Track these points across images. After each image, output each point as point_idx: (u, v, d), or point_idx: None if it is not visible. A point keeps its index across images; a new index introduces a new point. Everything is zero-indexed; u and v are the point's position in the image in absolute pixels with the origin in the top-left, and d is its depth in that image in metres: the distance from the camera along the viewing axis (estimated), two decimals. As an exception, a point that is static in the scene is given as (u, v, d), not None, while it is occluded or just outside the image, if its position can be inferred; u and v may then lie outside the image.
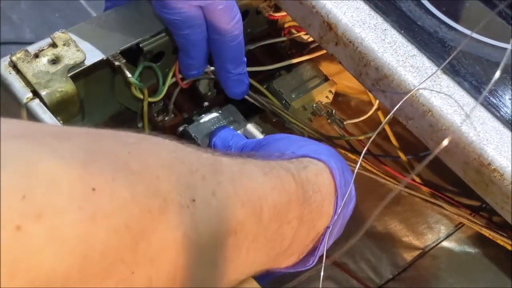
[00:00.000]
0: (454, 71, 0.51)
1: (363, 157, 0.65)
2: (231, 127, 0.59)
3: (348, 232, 0.68)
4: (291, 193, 0.41)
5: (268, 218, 0.39)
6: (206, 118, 0.59)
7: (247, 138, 0.56)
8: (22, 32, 1.51)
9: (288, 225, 0.41)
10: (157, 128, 0.60)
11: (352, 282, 0.66)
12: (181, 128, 0.59)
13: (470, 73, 0.51)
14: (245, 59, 0.57)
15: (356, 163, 0.64)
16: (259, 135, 0.60)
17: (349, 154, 0.64)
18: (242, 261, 0.38)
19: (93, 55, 0.53)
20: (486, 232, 0.64)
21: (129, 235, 0.29)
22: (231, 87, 0.57)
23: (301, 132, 0.62)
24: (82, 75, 0.54)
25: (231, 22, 0.53)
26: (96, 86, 0.57)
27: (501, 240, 0.63)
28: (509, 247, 0.63)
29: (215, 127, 0.59)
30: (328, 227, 0.47)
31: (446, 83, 0.50)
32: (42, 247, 0.26)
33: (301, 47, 0.68)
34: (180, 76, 0.58)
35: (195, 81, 0.61)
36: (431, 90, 0.50)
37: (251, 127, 0.60)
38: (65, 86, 0.51)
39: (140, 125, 0.60)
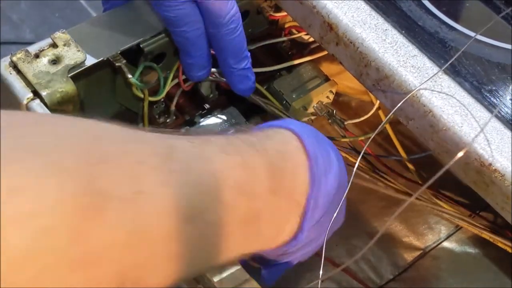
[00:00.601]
0: (455, 72, 0.51)
1: (364, 158, 0.66)
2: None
3: (349, 232, 0.68)
4: (256, 168, 0.39)
5: (232, 199, 0.37)
6: (207, 120, 0.59)
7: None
8: (22, 32, 1.51)
9: (259, 200, 0.39)
10: (158, 129, 0.60)
11: (352, 282, 0.66)
12: (182, 130, 0.59)
13: (471, 73, 0.51)
14: (248, 53, 0.56)
15: (356, 163, 0.64)
16: None
17: (349, 155, 0.64)
18: (211, 248, 0.37)
19: (93, 56, 0.53)
20: (486, 235, 0.64)
21: (61, 237, 0.27)
22: (236, 83, 0.57)
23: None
24: (83, 75, 0.54)
25: (227, 15, 0.52)
26: (97, 87, 0.57)
27: (501, 243, 0.63)
28: (509, 250, 0.63)
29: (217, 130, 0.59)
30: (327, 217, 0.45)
31: (447, 83, 0.50)
32: None
33: (302, 47, 0.68)
34: (183, 77, 0.58)
35: (197, 83, 0.61)
36: (432, 90, 0.50)
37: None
38: (66, 87, 0.51)
39: (140, 125, 0.60)
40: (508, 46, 0.54)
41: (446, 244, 0.70)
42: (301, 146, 0.44)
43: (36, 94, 0.50)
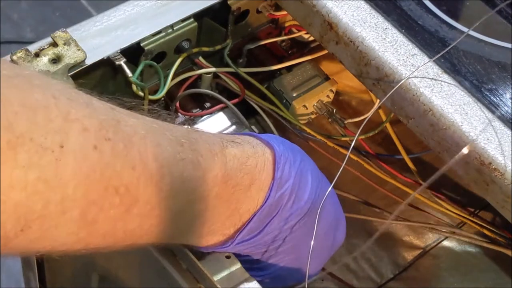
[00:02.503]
0: (454, 70, 0.51)
1: (364, 158, 0.66)
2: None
3: (349, 231, 0.68)
4: (207, 170, 0.39)
5: (173, 189, 0.37)
6: (207, 119, 0.59)
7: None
8: (23, 31, 1.51)
9: (201, 201, 0.40)
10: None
11: (352, 282, 0.66)
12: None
13: (471, 72, 0.51)
14: None
15: (357, 163, 0.65)
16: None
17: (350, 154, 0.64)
18: (132, 225, 0.36)
19: (93, 54, 0.53)
20: (484, 241, 0.64)
21: None
22: None
23: (301, 132, 0.62)
24: (83, 74, 0.54)
25: None
26: (97, 86, 0.57)
27: (499, 246, 0.63)
28: (509, 253, 0.63)
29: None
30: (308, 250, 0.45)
31: (447, 82, 0.50)
32: None
33: (302, 46, 0.68)
34: (183, 76, 0.58)
35: (197, 81, 0.61)
36: (432, 89, 0.50)
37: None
38: (66, 85, 0.51)
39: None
40: (508, 45, 0.54)
41: (446, 243, 0.70)
42: (270, 166, 0.44)
43: (36, 93, 0.50)
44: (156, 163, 0.36)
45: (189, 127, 0.42)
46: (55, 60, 0.51)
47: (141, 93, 0.56)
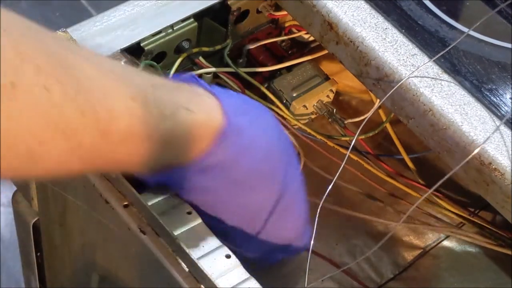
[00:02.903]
0: (455, 70, 0.51)
1: (364, 157, 0.66)
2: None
3: (349, 232, 0.68)
4: (152, 130, 0.40)
5: (119, 141, 0.38)
6: None
7: None
8: (23, 32, 1.51)
9: (141, 156, 0.40)
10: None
11: (352, 282, 0.66)
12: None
13: (471, 72, 0.51)
14: None
15: (357, 163, 0.64)
16: None
17: (350, 154, 0.64)
18: (75, 167, 0.37)
19: (93, 54, 0.53)
20: (484, 242, 0.64)
21: None
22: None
23: (302, 132, 0.62)
24: (83, 74, 0.54)
25: None
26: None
27: (499, 246, 0.63)
28: (509, 252, 0.63)
29: None
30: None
31: (447, 82, 0.50)
32: None
33: (302, 47, 0.68)
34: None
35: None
36: (432, 89, 0.50)
37: None
38: (66, 85, 0.51)
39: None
40: (508, 45, 0.54)
41: (446, 243, 0.70)
42: (219, 115, 0.44)
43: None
44: (105, 112, 0.36)
45: (152, 77, 0.42)
46: (55, 60, 0.51)
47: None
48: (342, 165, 0.49)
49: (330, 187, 0.48)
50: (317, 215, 0.47)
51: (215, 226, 0.47)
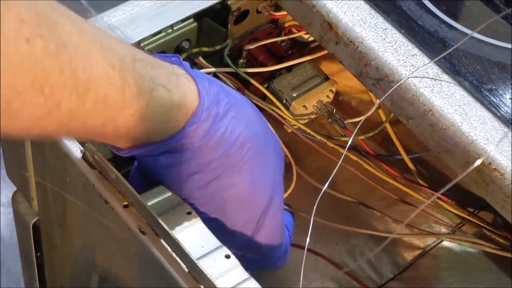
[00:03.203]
0: (454, 71, 0.51)
1: (363, 158, 0.66)
2: None
3: (349, 232, 0.68)
4: (128, 104, 0.40)
5: (95, 107, 0.38)
6: None
7: None
8: (23, 32, 1.51)
9: (114, 127, 0.41)
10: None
11: (352, 282, 0.66)
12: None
13: (471, 72, 0.51)
14: None
15: (357, 163, 0.64)
16: None
17: (349, 154, 0.64)
18: (49, 128, 0.37)
19: (93, 55, 0.53)
20: (484, 245, 0.64)
21: None
22: None
23: (302, 133, 0.62)
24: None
25: None
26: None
27: (501, 252, 0.63)
28: (509, 255, 0.63)
29: None
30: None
31: (446, 82, 0.50)
32: None
33: (302, 47, 0.68)
34: None
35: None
36: (432, 89, 0.50)
37: None
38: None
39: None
40: (508, 45, 0.54)
41: (446, 243, 0.70)
42: (194, 96, 0.44)
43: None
44: (84, 75, 0.36)
45: (135, 51, 0.42)
46: (55, 60, 0.51)
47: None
48: (339, 164, 0.49)
49: (326, 185, 0.48)
50: (312, 215, 0.47)
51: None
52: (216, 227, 0.48)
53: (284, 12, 0.61)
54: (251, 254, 0.51)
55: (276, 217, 0.51)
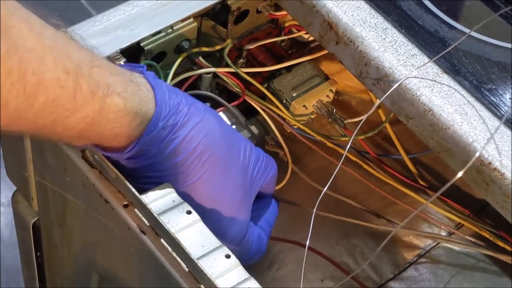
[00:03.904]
0: (454, 70, 0.51)
1: (363, 158, 0.66)
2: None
3: (349, 231, 0.68)
4: (79, 107, 0.41)
5: (44, 110, 0.39)
6: None
7: None
8: (23, 32, 1.50)
9: (63, 129, 0.42)
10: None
11: (352, 281, 0.66)
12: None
13: (471, 72, 0.51)
14: None
15: (356, 163, 0.64)
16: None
17: (349, 154, 0.64)
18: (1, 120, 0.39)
19: (93, 54, 0.53)
20: (482, 247, 0.64)
21: None
22: None
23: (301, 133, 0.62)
24: (83, 74, 0.54)
25: None
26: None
27: (499, 255, 0.63)
28: (509, 261, 0.63)
29: None
30: None
31: (446, 82, 0.50)
32: None
33: (302, 46, 0.68)
34: (187, 74, 0.58)
35: (197, 81, 0.61)
36: (432, 89, 0.50)
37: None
38: (66, 85, 0.51)
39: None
40: (508, 45, 0.54)
41: (445, 243, 0.70)
42: (150, 98, 0.46)
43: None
44: (34, 78, 0.38)
45: (95, 59, 0.44)
46: (55, 60, 0.51)
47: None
48: (339, 166, 0.49)
49: (326, 187, 0.49)
50: (313, 216, 0.47)
51: None
52: None
53: (284, 12, 0.61)
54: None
55: (238, 235, 0.52)
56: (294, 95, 0.62)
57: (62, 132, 0.42)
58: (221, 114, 0.60)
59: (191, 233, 0.46)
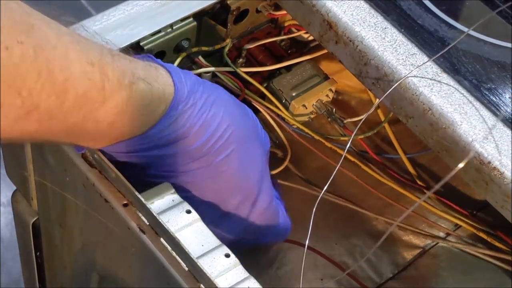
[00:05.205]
0: (454, 70, 0.51)
1: (362, 158, 0.66)
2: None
3: (348, 231, 0.68)
4: (109, 97, 0.41)
5: (75, 105, 0.39)
6: None
7: None
8: (22, 32, 1.50)
9: (94, 122, 0.41)
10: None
11: (352, 281, 0.66)
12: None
13: (470, 71, 0.51)
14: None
15: (355, 163, 0.65)
16: None
17: (348, 154, 0.64)
18: (29, 128, 0.38)
19: (93, 54, 0.53)
20: (480, 248, 0.64)
21: None
22: None
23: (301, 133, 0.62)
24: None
25: None
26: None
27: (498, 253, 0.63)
28: (509, 261, 0.63)
29: None
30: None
31: (446, 81, 0.50)
32: None
33: (301, 46, 0.68)
34: None
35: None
36: (432, 88, 0.50)
37: None
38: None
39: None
40: (508, 44, 0.54)
41: (445, 243, 0.70)
42: (169, 86, 0.45)
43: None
44: (62, 75, 0.37)
45: (111, 48, 0.44)
46: (55, 59, 0.51)
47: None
48: (337, 168, 0.49)
49: (324, 189, 0.49)
50: (312, 216, 0.47)
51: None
52: (211, 211, 0.49)
53: (284, 12, 0.61)
54: (250, 236, 0.53)
55: (268, 197, 0.52)
56: (294, 94, 0.62)
57: (92, 128, 0.42)
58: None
59: (190, 232, 0.46)
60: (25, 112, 0.37)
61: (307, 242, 0.47)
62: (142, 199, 0.46)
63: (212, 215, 0.50)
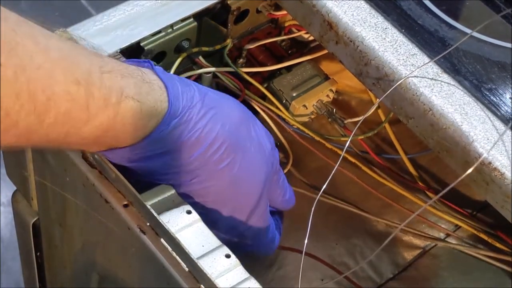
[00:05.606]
0: (454, 70, 0.51)
1: (362, 159, 0.66)
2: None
3: (348, 231, 0.68)
4: (93, 116, 0.40)
5: (56, 124, 0.39)
6: None
7: None
8: (23, 32, 1.50)
9: (78, 140, 0.42)
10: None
11: (352, 282, 0.66)
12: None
13: (471, 71, 0.51)
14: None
15: (355, 164, 0.65)
16: None
17: (348, 154, 0.64)
18: (9, 141, 0.38)
19: (93, 54, 0.53)
20: (480, 249, 0.64)
21: None
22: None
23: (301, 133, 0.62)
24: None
25: None
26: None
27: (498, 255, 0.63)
28: (509, 261, 0.63)
29: None
30: None
31: (447, 81, 0.50)
32: None
33: (302, 46, 0.68)
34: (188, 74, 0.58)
35: (197, 80, 0.61)
36: (432, 88, 0.50)
37: None
38: (66, 85, 0.51)
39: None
40: (508, 44, 0.54)
41: (445, 243, 0.70)
42: (164, 98, 0.45)
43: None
44: (44, 95, 0.37)
45: (104, 61, 0.43)
46: (55, 59, 0.51)
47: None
48: (335, 168, 0.49)
49: (322, 190, 0.49)
50: (310, 216, 0.47)
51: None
52: (201, 216, 0.49)
53: (284, 12, 0.61)
54: (235, 239, 0.53)
55: (261, 212, 0.52)
56: (294, 95, 0.62)
57: (76, 142, 0.42)
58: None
59: (191, 232, 0.46)
60: (3, 128, 0.37)
61: (305, 244, 0.47)
62: (142, 200, 0.46)
63: (210, 215, 0.50)
